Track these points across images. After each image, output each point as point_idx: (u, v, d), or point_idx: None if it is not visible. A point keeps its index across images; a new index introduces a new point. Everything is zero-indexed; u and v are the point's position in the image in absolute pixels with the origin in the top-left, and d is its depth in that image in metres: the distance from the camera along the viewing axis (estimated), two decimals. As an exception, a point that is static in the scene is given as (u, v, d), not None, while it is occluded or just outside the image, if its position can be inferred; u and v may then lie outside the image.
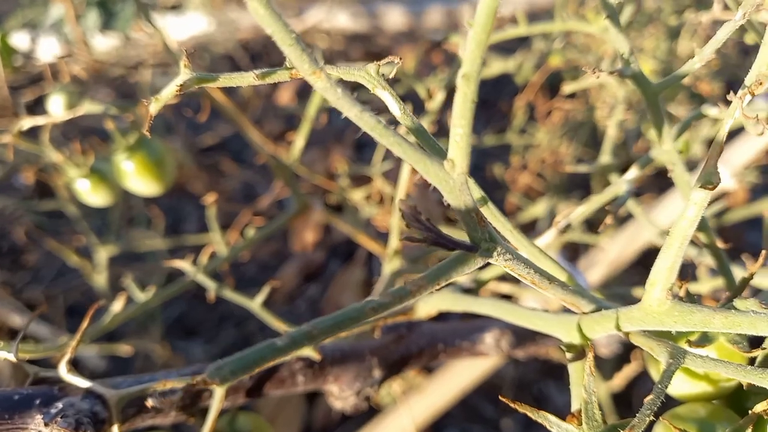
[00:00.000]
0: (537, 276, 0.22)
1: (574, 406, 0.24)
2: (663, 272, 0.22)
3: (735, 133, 1.02)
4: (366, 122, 0.17)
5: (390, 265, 0.58)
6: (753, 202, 1.07)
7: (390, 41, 2.02)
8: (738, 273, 0.35)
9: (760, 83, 0.19)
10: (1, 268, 1.51)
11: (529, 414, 0.23)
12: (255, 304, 0.41)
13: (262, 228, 0.57)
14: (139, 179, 0.49)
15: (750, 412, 0.24)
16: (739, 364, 0.23)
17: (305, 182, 1.10)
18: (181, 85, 0.23)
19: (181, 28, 1.93)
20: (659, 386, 0.21)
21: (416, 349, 0.38)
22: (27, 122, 0.51)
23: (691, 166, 1.03)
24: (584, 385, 0.22)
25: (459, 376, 0.79)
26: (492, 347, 0.40)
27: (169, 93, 0.23)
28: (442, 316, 0.43)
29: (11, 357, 0.29)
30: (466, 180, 0.18)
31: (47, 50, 1.85)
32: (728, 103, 0.28)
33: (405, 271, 0.57)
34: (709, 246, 0.29)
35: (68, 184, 0.53)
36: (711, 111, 0.31)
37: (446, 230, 0.68)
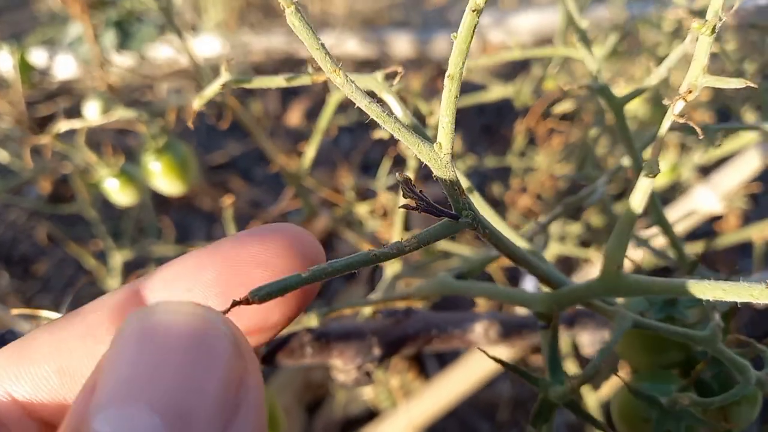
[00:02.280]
0: (509, 246, 0.26)
1: (545, 364, 0.28)
2: (614, 250, 0.27)
3: (724, 159, 1.07)
4: (373, 111, 0.22)
5: (391, 268, 0.63)
6: (744, 228, 1.10)
7: (397, 67, 2.08)
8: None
9: (690, 91, 0.23)
10: (12, 276, 1.55)
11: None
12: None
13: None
14: (165, 179, 0.54)
15: (692, 372, 0.29)
16: (679, 327, 0.27)
17: (313, 196, 1.15)
18: (223, 85, 0.28)
19: (195, 50, 2.00)
20: (610, 341, 0.26)
21: (412, 332, 0.42)
22: (64, 125, 0.56)
23: (680, 190, 1.07)
24: (548, 343, 0.27)
25: (454, 383, 0.83)
26: (481, 336, 0.44)
27: (212, 91, 0.28)
28: (436, 308, 0.47)
29: (60, 316, 0.34)
30: (450, 159, 0.23)
31: (64, 68, 1.92)
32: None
33: (405, 274, 0.62)
34: (663, 229, 0.34)
35: (98, 184, 0.57)
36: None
37: (448, 245, 0.72)
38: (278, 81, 0.29)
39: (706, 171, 1.13)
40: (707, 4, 0.22)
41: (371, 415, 0.93)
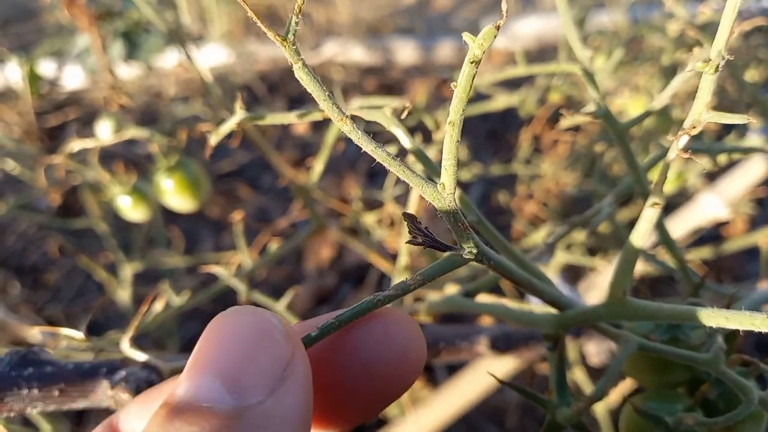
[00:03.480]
0: (516, 275, 0.27)
1: (551, 386, 0.29)
2: (620, 276, 0.27)
3: (729, 165, 1.07)
4: (379, 155, 0.23)
5: (399, 278, 0.64)
6: (751, 233, 1.10)
7: (402, 75, 2.09)
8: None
9: (694, 127, 0.24)
10: (22, 286, 1.57)
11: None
12: (280, 306, 0.46)
13: (283, 244, 0.63)
14: (176, 196, 0.55)
15: (697, 392, 0.29)
16: (683, 350, 0.28)
17: (321, 206, 1.16)
18: (238, 123, 0.29)
19: (201, 59, 2.01)
20: (616, 362, 0.26)
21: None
22: (77, 144, 0.57)
23: (686, 195, 1.08)
24: (555, 365, 0.27)
25: (463, 391, 0.83)
26: (487, 348, 0.45)
27: (228, 128, 0.29)
28: (443, 320, 0.48)
29: (80, 335, 0.35)
30: (453, 198, 0.24)
31: (72, 78, 1.94)
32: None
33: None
34: (669, 248, 0.35)
35: (110, 201, 0.58)
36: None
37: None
38: (291, 117, 0.30)
39: (711, 176, 1.13)
40: (709, 19, 0.23)
41: (380, 423, 0.94)
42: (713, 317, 0.24)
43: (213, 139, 0.28)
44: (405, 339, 0.25)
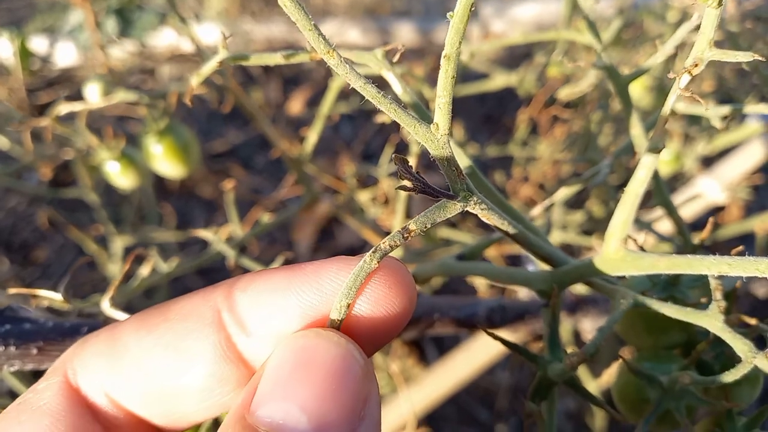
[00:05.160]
0: (510, 226, 0.26)
1: (544, 342, 0.28)
2: (618, 226, 0.26)
3: (727, 150, 1.07)
4: (368, 92, 0.22)
5: (393, 253, 0.63)
6: (747, 219, 1.10)
7: (400, 57, 2.06)
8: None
9: (696, 65, 0.23)
10: (12, 263, 1.55)
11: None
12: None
13: (276, 216, 0.62)
14: (166, 161, 0.54)
15: (693, 351, 0.29)
16: (680, 306, 0.27)
17: (315, 183, 1.15)
18: (220, 62, 0.28)
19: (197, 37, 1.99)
20: (610, 318, 0.25)
21: (414, 315, 0.42)
22: (65, 107, 0.56)
23: (683, 180, 1.07)
24: (548, 322, 0.27)
25: (455, 369, 0.83)
26: (483, 319, 0.44)
27: (210, 68, 0.28)
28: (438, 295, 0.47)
29: (59, 296, 0.34)
30: (448, 140, 0.23)
31: (64, 55, 1.91)
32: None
33: (407, 260, 0.62)
34: (667, 210, 0.34)
35: (99, 167, 0.57)
36: (678, 106, 0.36)
37: (450, 233, 0.72)
38: (276, 58, 0.29)
39: (708, 163, 1.12)
40: None
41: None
42: (715, 264, 0.23)
43: (194, 80, 0.27)
44: (396, 285, 0.24)
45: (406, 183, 0.24)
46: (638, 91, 0.82)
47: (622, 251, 0.26)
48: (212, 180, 1.69)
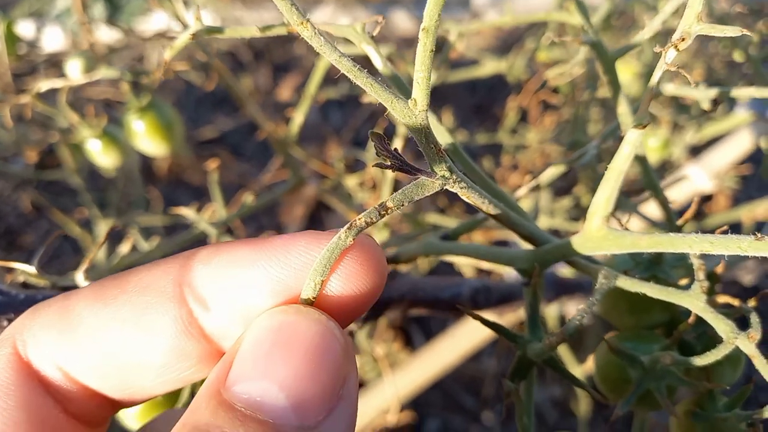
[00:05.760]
0: (491, 206, 0.25)
1: (526, 322, 0.28)
2: (601, 203, 0.26)
3: (715, 140, 1.07)
4: (344, 65, 0.21)
5: (378, 236, 0.63)
6: (733, 209, 1.10)
7: (393, 45, 2.05)
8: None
9: (683, 39, 0.23)
10: (-3, 247, 1.54)
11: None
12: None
13: (261, 197, 0.61)
14: (148, 139, 0.53)
15: (674, 332, 0.28)
16: (662, 286, 0.27)
17: (303, 168, 1.14)
18: (193, 34, 0.27)
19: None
20: (592, 299, 0.25)
21: (397, 294, 0.42)
22: (45, 84, 0.55)
23: (671, 169, 1.07)
24: (529, 301, 0.26)
25: (441, 354, 0.83)
26: (468, 300, 0.44)
27: (183, 40, 0.27)
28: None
29: (32, 269, 0.33)
30: (425, 115, 0.22)
31: (52, 40, 1.88)
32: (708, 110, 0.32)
33: (392, 243, 0.61)
34: (653, 191, 0.33)
35: (80, 145, 0.56)
36: (668, 87, 0.35)
37: (438, 218, 0.72)
38: (251, 31, 0.28)
39: (696, 152, 1.13)
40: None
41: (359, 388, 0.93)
42: (697, 242, 0.22)
43: (168, 53, 0.26)
44: (367, 262, 0.23)
45: (384, 161, 0.23)
46: (627, 77, 0.82)
47: (604, 229, 0.26)
48: (200, 167, 1.68)
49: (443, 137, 0.31)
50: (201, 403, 0.21)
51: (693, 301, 0.26)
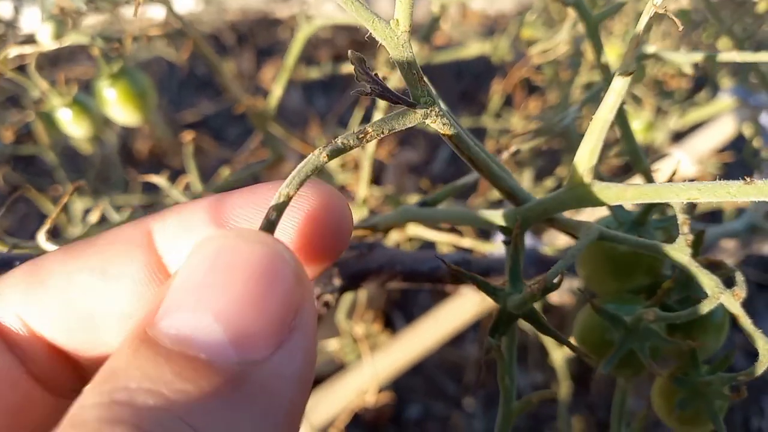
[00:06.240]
0: (471, 150, 0.24)
1: (506, 276, 0.27)
2: (586, 154, 0.25)
3: (700, 124, 1.07)
4: None
5: (358, 212, 0.61)
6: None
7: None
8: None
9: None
10: (-26, 231, 1.51)
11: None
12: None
13: (239, 171, 0.60)
14: (120, 107, 0.51)
15: (658, 291, 0.28)
16: (647, 240, 0.26)
17: (284, 148, 1.12)
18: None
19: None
20: (574, 248, 0.24)
21: (375, 265, 0.41)
22: (14, 50, 0.53)
23: (653, 155, 1.07)
24: (510, 255, 0.25)
25: (422, 337, 0.82)
26: (447, 273, 0.43)
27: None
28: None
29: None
30: (408, 38, 0.21)
31: (30, 20, 1.84)
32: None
33: (371, 220, 0.60)
34: (626, 139, 0.33)
35: (50, 114, 0.54)
36: (650, 48, 0.35)
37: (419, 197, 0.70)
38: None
39: (679, 138, 1.13)
40: None
41: (337, 368, 0.92)
42: (684, 191, 0.22)
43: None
44: (329, 207, 0.22)
45: (364, 86, 0.22)
46: (613, 57, 0.82)
47: (588, 183, 0.25)
48: (182, 150, 1.65)
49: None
50: (123, 346, 0.18)
51: (677, 253, 0.25)
